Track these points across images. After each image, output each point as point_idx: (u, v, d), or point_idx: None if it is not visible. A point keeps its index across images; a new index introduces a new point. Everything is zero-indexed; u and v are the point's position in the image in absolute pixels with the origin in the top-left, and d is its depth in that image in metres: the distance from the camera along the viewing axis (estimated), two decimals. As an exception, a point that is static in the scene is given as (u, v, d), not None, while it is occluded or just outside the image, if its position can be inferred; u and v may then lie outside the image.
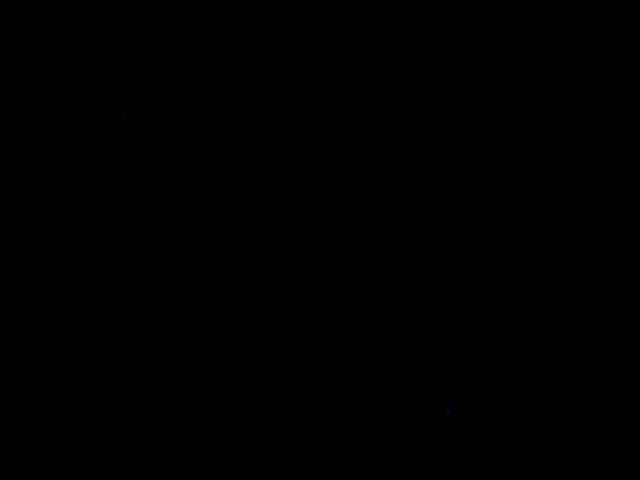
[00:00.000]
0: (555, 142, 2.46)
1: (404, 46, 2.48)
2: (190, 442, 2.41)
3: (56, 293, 2.45)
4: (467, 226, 2.45)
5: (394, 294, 2.44)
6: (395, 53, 2.48)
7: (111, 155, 2.48)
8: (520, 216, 2.44)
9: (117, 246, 2.46)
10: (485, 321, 2.42)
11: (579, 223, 2.44)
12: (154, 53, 2.49)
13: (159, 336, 2.44)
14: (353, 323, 2.43)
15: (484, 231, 2.44)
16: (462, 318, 2.43)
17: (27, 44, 2.49)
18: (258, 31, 2.49)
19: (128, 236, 2.46)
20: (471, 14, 2.47)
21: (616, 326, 2.41)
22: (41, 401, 2.43)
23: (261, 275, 2.46)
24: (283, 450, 2.41)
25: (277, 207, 2.47)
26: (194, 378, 2.43)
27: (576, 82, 2.46)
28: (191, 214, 2.47)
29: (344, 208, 2.46)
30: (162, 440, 2.42)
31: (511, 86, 2.46)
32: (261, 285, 2.45)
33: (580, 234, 2.44)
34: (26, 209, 2.47)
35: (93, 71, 2.49)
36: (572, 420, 2.39)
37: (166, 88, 2.49)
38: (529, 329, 2.42)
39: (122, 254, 2.46)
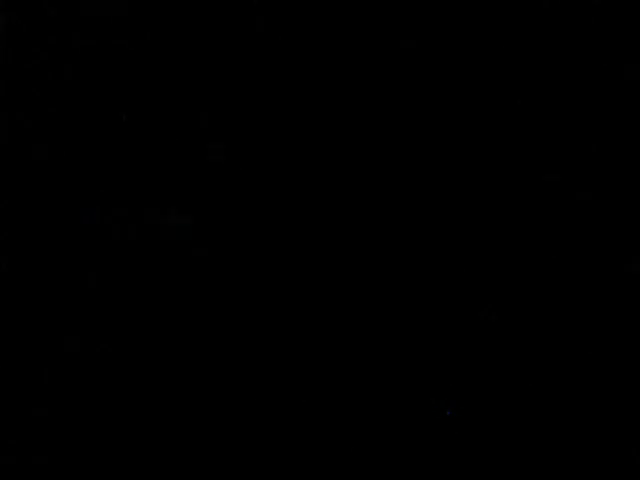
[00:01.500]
0: (554, 142, 2.46)
1: (403, 46, 2.48)
2: (190, 442, 2.42)
3: (54, 293, 2.45)
4: (467, 226, 2.45)
5: (394, 294, 2.44)
6: (394, 53, 2.48)
7: (111, 155, 2.48)
8: (520, 216, 2.45)
9: (117, 244, 2.46)
10: (484, 321, 2.43)
11: (579, 223, 2.44)
12: (154, 54, 2.50)
13: (159, 336, 2.44)
14: (353, 323, 2.44)
15: (484, 231, 2.44)
16: (462, 318, 2.43)
17: (28, 44, 2.49)
18: (258, 31, 2.49)
19: (128, 234, 2.47)
20: (471, 14, 2.48)
21: (616, 326, 2.41)
22: (42, 401, 2.43)
23: (261, 274, 2.46)
24: (283, 450, 2.41)
25: (276, 206, 2.47)
26: (194, 377, 2.44)
27: (575, 82, 2.46)
28: (191, 212, 2.47)
29: (344, 208, 2.46)
30: (162, 440, 2.42)
31: (511, 86, 2.47)
32: (261, 284, 2.46)
33: (580, 234, 2.44)
34: (26, 209, 2.47)
35: (94, 71, 2.49)
36: (572, 420, 2.39)
37: (166, 88, 2.49)
38: (528, 329, 2.42)
39: (122, 253, 2.46)
